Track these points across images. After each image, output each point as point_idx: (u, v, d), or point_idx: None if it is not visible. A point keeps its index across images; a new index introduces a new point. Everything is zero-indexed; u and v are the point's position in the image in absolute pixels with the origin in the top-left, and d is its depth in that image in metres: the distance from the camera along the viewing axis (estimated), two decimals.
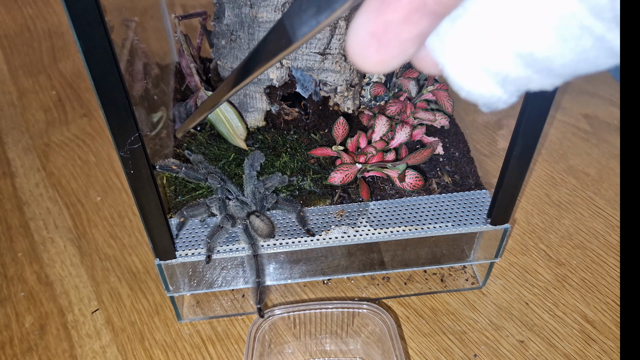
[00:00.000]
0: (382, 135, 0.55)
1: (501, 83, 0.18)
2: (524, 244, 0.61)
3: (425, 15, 0.16)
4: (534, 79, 0.17)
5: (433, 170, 0.55)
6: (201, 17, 0.64)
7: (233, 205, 0.49)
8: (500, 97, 0.18)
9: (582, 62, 0.16)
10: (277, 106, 0.59)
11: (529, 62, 0.17)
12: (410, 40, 0.16)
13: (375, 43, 0.16)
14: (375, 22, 0.16)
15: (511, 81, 0.17)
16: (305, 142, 0.57)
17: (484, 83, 0.18)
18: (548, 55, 0.16)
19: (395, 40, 0.16)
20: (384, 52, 0.16)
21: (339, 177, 0.51)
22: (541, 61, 0.16)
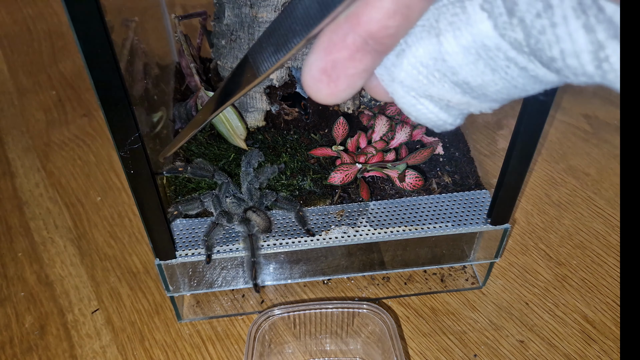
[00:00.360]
0: (382, 135, 0.55)
1: (445, 109, 0.20)
2: (524, 244, 0.61)
3: (367, 53, 0.18)
4: (473, 103, 0.19)
5: (433, 170, 0.55)
6: (201, 17, 0.64)
7: (230, 202, 0.49)
8: (446, 120, 0.20)
9: (513, 89, 0.18)
10: (277, 106, 0.59)
11: (466, 90, 0.18)
12: (356, 75, 0.18)
13: (325, 78, 0.18)
14: (324, 60, 0.18)
15: (453, 106, 0.19)
16: (305, 142, 0.57)
17: (430, 109, 0.20)
18: (482, 83, 0.18)
19: (342, 75, 0.18)
20: (333, 86, 0.18)
21: (339, 177, 0.51)
22: (477, 89, 0.18)
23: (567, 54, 0.15)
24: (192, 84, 0.60)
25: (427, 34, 0.18)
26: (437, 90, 0.19)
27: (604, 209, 0.64)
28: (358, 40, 0.17)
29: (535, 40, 0.16)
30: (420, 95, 0.19)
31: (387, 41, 0.18)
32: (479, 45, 0.17)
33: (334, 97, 0.19)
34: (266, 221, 0.48)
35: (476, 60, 0.17)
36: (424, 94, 0.19)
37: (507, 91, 0.18)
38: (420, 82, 0.19)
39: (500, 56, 0.17)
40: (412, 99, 0.19)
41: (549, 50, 0.16)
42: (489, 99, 0.19)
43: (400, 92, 0.19)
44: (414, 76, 0.19)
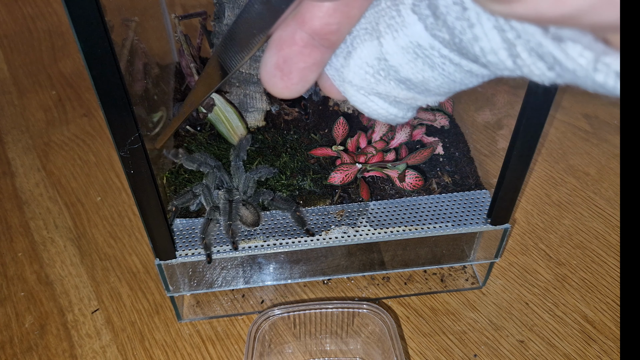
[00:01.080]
0: (382, 135, 0.55)
1: (393, 104, 0.21)
2: (524, 244, 0.61)
3: (315, 48, 0.19)
4: (419, 98, 0.21)
5: (433, 170, 0.55)
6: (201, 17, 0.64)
7: (221, 194, 0.50)
8: (397, 114, 0.22)
9: (452, 83, 0.19)
10: (277, 106, 0.59)
11: (409, 86, 0.20)
12: (306, 68, 0.20)
13: (278, 72, 0.20)
14: (276, 56, 0.20)
15: (401, 101, 0.21)
16: (305, 142, 0.57)
17: (380, 105, 0.21)
18: (423, 80, 0.19)
19: (294, 69, 0.20)
20: (286, 79, 0.20)
21: (339, 177, 0.51)
22: (419, 85, 0.20)
23: (486, 51, 0.17)
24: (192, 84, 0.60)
25: (369, 37, 0.19)
26: (384, 87, 0.20)
27: (604, 209, 0.64)
28: (305, 37, 0.19)
29: (459, 40, 0.17)
30: (369, 93, 0.21)
31: (331, 37, 0.19)
32: (415, 45, 0.18)
33: (289, 90, 0.20)
34: (255, 215, 0.49)
35: (415, 59, 0.19)
36: (372, 91, 0.21)
37: (448, 86, 0.20)
38: (368, 80, 0.20)
39: (436, 54, 0.18)
40: (362, 97, 0.21)
41: (472, 48, 0.17)
42: (433, 93, 0.20)
43: (351, 91, 0.21)
44: (361, 76, 0.20)
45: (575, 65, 0.15)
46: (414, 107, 0.21)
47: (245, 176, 0.51)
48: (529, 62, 0.16)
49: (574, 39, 0.14)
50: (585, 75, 0.15)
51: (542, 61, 0.16)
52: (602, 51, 0.14)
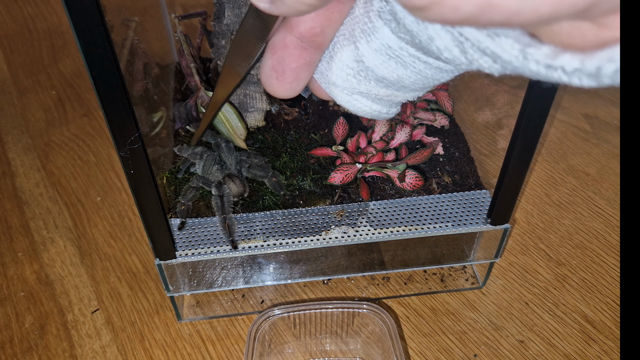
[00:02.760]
0: (382, 135, 0.55)
1: (376, 101, 0.23)
2: (524, 244, 0.61)
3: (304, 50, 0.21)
4: (397, 94, 0.23)
5: (433, 170, 0.55)
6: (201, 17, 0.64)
7: (215, 170, 0.52)
8: (381, 111, 0.23)
9: (425, 79, 0.21)
10: (277, 106, 0.59)
11: (387, 84, 0.22)
12: (299, 68, 0.22)
13: (274, 74, 0.22)
14: (271, 59, 0.22)
15: (381, 98, 0.23)
16: (305, 142, 0.57)
17: (363, 103, 0.23)
18: (398, 78, 0.21)
19: (287, 69, 0.22)
20: (281, 79, 0.22)
21: (339, 177, 0.51)
22: (395, 82, 0.22)
23: (442, 49, 0.18)
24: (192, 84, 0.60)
25: (347, 42, 0.21)
26: (365, 86, 0.22)
27: (604, 209, 0.64)
28: (294, 40, 0.21)
29: (419, 40, 0.19)
30: (352, 93, 0.23)
31: (317, 39, 0.21)
32: (386, 47, 0.20)
33: (284, 88, 0.22)
34: (240, 186, 0.50)
35: (388, 59, 0.21)
36: (354, 91, 0.23)
37: (421, 82, 0.21)
38: (349, 81, 0.22)
39: (405, 54, 0.20)
40: (347, 96, 0.23)
41: (430, 47, 0.18)
42: (409, 89, 0.22)
43: (336, 91, 0.23)
44: (343, 77, 0.22)
45: (511, 56, 0.16)
46: (395, 103, 0.23)
47: (235, 154, 0.53)
48: (476, 57, 0.17)
49: (506, 34, 0.16)
50: (522, 65, 0.16)
51: (486, 55, 0.17)
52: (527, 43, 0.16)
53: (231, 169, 0.53)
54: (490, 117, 0.74)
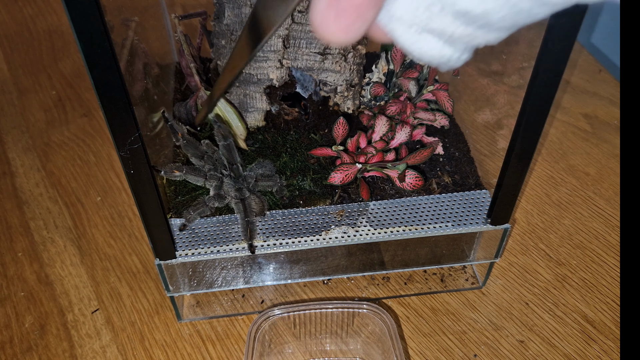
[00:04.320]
0: (382, 135, 0.55)
1: (448, 42, 0.18)
2: (524, 244, 0.61)
3: None
4: (478, 34, 0.18)
5: (433, 170, 0.55)
6: (201, 17, 0.64)
7: (227, 184, 0.50)
8: (452, 56, 0.19)
9: (518, 14, 0.17)
10: (277, 106, 0.59)
11: (468, 20, 0.17)
12: (364, 4, 0.17)
13: (332, 12, 0.17)
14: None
15: (457, 39, 0.18)
16: (305, 142, 0.57)
17: (432, 44, 0.19)
18: (484, 11, 0.17)
19: (350, 6, 0.17)
20: (342, 18, 0.17)
21: (339, 177, 0.51)
22: (479, 18, 0.17)
23: None
24: (192, 84, 0.60)
25: None
26: (439, 23, 0.18)
27: (604, 209, 0.64)
28: None
29: None
30: (421, 31, 0.18)
31: None
32: None
33: (344, 32, 0.18)
34: (259, 204, 0.49)
35: None
36: (425, 28, 0.18)
37: (512, 17, 0.17)
38: (420, 16, 0.18)
39: None
40: (413, 36, 0.19)
41: None
42: (494, 28, 0.18)
43: (400, 29, 0.19)
44: (413, 11, 0.18)
45: None
46: (471, 46, 0.19)
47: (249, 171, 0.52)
48: None
49: None
50: None
51: None
52: None
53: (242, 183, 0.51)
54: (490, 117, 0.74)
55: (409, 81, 0.59)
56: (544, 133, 0.73)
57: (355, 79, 0.58)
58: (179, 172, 0.49)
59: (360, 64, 0.58)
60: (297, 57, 0.54)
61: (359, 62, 0.58)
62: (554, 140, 0.73)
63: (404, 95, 0.59)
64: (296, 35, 0.53)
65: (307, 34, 0.53)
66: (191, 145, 0.50)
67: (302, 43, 0.54)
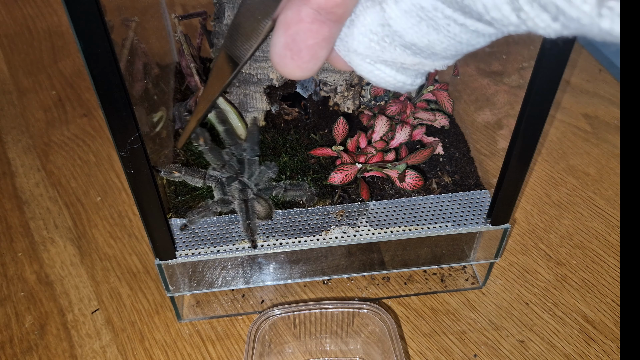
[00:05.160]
0: (382, 135, 0.55)
1: (401, 70, 0.20)
2: (524, 244, 0.61)
3: (322, 24, 0.19)
4: (426, 63, 0.20)
5: (433, 170, 0.55)
6: (201, 17, 0.64)
7: (234, 187, 0.49)
8: (405, 82, 0.21)
9: (459, 45, 0.19)
10: (277, 106, 0.59)
11: (415, 51, 0.19)
12: (316, 45, 0.19)
13: (288, 52, 0.19)
14: (284, 35, 0.19)
15: (407, 67, 0.20)
16: (305, 142, 0.57)
17: (387, 73, 0.21)
18: (428, 43, 0.19)
19: (303, 47, 0.19)
20: (297, 58, 0.19)
21: (339, 177, 0.51)
22: (425, 49, 0.19)
23: (489, 7, 0.16)
24: (192, 84, 0.60)
25: (371, 3, 0.19)
26: (390, 54, 0.20)
27: (604, 209, 0.64)
28: (311, 13, 0.19)
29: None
30: (375, 61, 0.20)
31: (337, 10, 0.19)
32: (418, 7, 0.18)
33: (300, 69, 0.20)
34: (267, 208, 0.49)
35: (418, 22, 0.18)
36: (378, 59, 0.20)
37: (454, 48, 0.19)
38: (373, 48, 0.20)
39: (439, 15, 0.18)
40: (369, 66, 0.20)
41: (474, 5, 0.16)
42: (440, 57, 0.20)
43: (357, 60, 0.20)
44: (366, 44, 0.20)
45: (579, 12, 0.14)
46: (422, 72, 0.21)
47: (259, 169, 0.51)
48: (532, 15, 0.16)
49: None
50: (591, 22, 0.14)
51: (545, 12, 0.15)
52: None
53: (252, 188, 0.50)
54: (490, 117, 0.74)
55: None
56: (544, 133, 0.73)
57: (355, 79, 0.58)
58: (178, 172, 0.49)
59: None
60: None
61: None
62: (554, 140, 0.73)
63: (404, 95, 0.59)
64: None
65: None
66: (213, 152, 0.50)
67: None
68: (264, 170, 0.51)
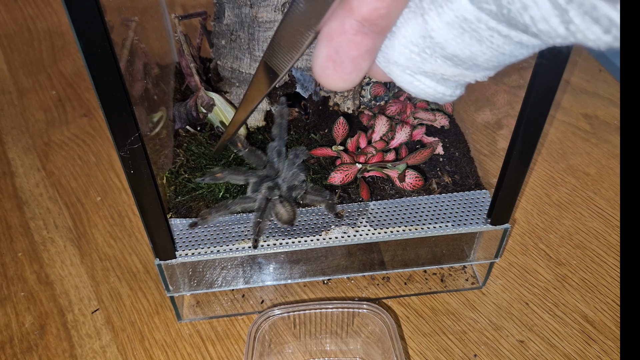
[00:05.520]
0: (382, 135, 0.55)
1: (441, 82, 0.21)
2: (524, 244, 0.61)
3: (365, 35, 0.19)
4: (467, 74, 0.20)
5: (433, 170, 0.55)
6: (201, 17, 0.64)
7: (265, 185, 0.49)
8: (445, 93, 0.21)
9: (502, 56, 0.19)
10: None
11: (457, 62, 0.19)
12: (359, 57, 0.19)
13: (331, 64, 0.20)
14: (327, 47, 0.19)
15: (448, 78, 0.20)
16: (305, 142, 0.57)
17: (427, 84, 0.21)
18: (470, 55, 0.19)
19: (346, 59, 0.19)
20: (339, 69, 0.20)
21: (339, 177, 0.51)
22: (467, 60, 0.19)
23: (536, 20, 0.16)
24: (192, 84, 0.60)
25: (413, 15, 0.19)
26: (430, 66, 0.20)
27: (604, 209, 0.64)
28: (354, 25, 0.19)
29: (507, 10, 0.17)
30: (415, 73, 0.20)
31: (381, 22, 0.19)
32: (461, 19, 0.18)
33: (343, 80, 0.20)
34: (290, 213, 0.48)
35: (461, 33, 0.18)
36: (418, 70, 0.20)
37: (497, 59, 0.19)
38: (413, 60, 0.20)
39: (483, 27, 0.18)
40: (409, 77, 0.21)
41: (521, 18, 0.16)
42: (481, 68, 0.20)
43: (397, 71, 0.21)
44: (407, 55, 0.20)
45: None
46: (462, 84, 0.21)
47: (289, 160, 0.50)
48: (582, 28, 0.15)
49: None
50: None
51: (597, 25, 0.15)
52: None
53: (282, 190, 0.49)
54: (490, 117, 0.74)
55: None
56: (544, 133, 0.73)
57: None
58: (221, 174, 0.49)
59: None
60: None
61: None
62: (554, 140, 0.73)
63: (404, 95, 0.59)
64: None
65: None
66: (253, 154, 0.50)
67: None
68: (293, 158, 0.50)
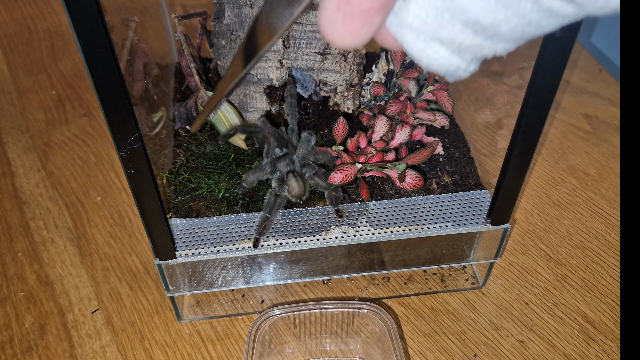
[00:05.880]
0: (382, 135, 0.55)
1: (457, 52, 0.19)
2: (524, 244, 0.61)
3: None
4: (486, 45, 0.18)
5: (433, 170, 0.55)
6: (201, 17, 0.64)
7: (283, 164, 0.50)
8: (459, 66, 0.19)
9: (527, 26, 0.17)
10: (277, 106, 0.59)
11: (477, 30, 0.18)
12: (372, 10, 0.17)
13: (340, 16, 0.17)
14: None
15: (465, 49, 0.19)
16: None
17: (441, 54, 0.19)
18: (494, 21, 0.17)
19: (357, 10, 0.17)
20: (349, 22, 0.18)
21: (339, 177, 0.51)
22: (489, 28, 0.17)
23: None
24: (192, 84, 0.60)
25: None
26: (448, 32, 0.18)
27: (604, 209, 0.64)
28: None
29: None
30: (430, 39, 0.18)
31: None
32: None
33: (352, 36, 0.18)
34: (302, 188, 0.48)
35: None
36: (434, 37, 0.18)
37: (521, 29, 0.17)
38: (430, 24, 0.18)
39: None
40: (422, 44, 0.19)
41: None
42: (503, 39, 0.18)
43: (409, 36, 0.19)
44: (423, 18, 0.18)
45: None
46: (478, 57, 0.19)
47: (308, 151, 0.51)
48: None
49: None
50: None
51: None
52: None
53: (296, 165, 0.50)
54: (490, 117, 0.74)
55: (409, 81, 0.59)
56: (544, 133, 0.73)
57: (355, 79, 0.58)
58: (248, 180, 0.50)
59: (360, 64, 0.58)
60: (297, 57, 0.54)
61: (359, 62, 0.58)
62: (554, 140, 0.73)
63: (404, 95, 0.59)
64: (296, 35, 0.53)
65: (307, 34, 0.53)
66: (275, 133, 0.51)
67: (302, 43, 0.54)
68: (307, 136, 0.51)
